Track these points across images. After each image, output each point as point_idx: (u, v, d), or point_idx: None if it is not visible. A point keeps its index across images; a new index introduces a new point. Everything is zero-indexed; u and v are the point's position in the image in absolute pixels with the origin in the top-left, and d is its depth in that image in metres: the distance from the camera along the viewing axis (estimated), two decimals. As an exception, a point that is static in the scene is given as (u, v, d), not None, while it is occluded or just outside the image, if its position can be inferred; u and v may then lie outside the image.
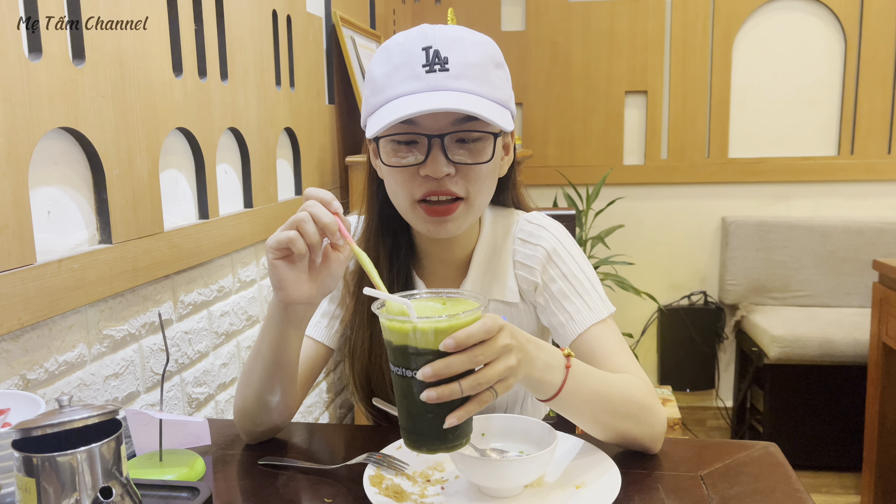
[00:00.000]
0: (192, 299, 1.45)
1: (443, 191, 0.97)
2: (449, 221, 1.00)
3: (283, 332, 0.95)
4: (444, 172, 0.95)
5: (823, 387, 2.85)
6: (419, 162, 0.97)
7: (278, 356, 0.97)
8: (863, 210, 3.17)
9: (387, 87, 0.96)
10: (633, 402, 0.96)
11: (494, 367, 0.76)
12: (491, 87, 0.97)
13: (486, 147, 0.98)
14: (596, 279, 1.11)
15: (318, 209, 0.85)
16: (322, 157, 2.14)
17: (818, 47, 3.10)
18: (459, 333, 0.73)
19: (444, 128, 0.96)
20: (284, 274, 0.88)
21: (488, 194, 1.04)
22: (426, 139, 0.96)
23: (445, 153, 0.96)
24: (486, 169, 0.99)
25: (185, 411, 1.42)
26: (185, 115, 1.38)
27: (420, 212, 1.00)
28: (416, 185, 0.98)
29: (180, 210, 1.42)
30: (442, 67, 0.93)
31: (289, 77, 1.90)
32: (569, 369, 0.88)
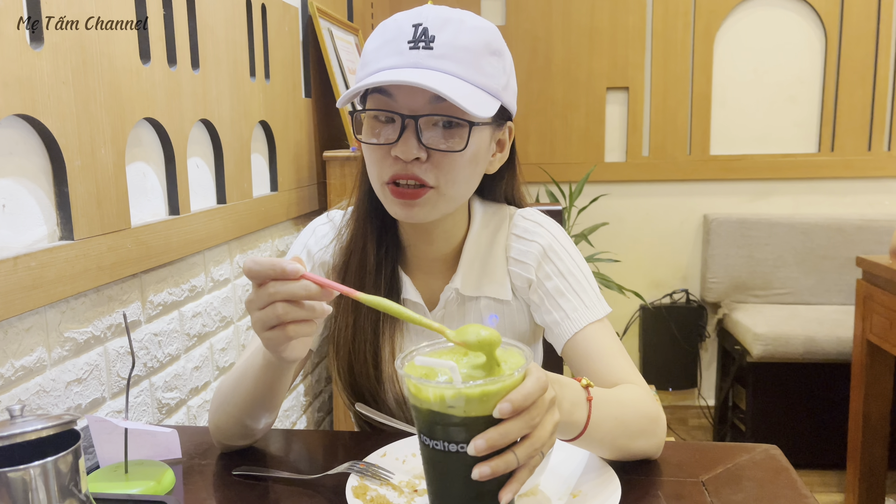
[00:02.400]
0: (162, 299, 1.37)
1: (409, 174, 0.92)
2: (416, 206, 0.94)
3: (279, 376, 0.89)
4: (414, 155, 0.90)
5: (806, 385, 2.84)
6: (391, 142, 0.91)
7: (268, 394, 0.92)
8: (843, 207, 3.17)
9: (372, 62, 0.92)
10: (645, 418, 0.91)
11: (545, 427, 0.67)
12: (479, 72, 0.91)
13: (461, 134, 0.92)
14: (592, 278, 1.06)
15: (289, 289, 0.73)
16: (298, 151, 2.07)
17: (799, 44, 3.09)
18: (515, 395, 0.64)
19: (420, 108, 0.90)
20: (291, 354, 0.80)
21: (465, 186, 0.97)
22: (400, 119, 0.90)
23: (419, 135, 0.90)
24: (460, 159, 0.92)
25: (155, 418, 1.35)
26: (154, 104, 1.31)
27: (388, 193, 0.95)
28: (386, 166, 0.93)
29: (149, 205, 1.34)
30: (426, 46, 0.88)
31: (264, 68, 1.83)
32: (591, 402, 0.82)
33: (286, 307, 0.74)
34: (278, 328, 0.76)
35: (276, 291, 0.74)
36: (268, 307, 0.75)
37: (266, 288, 0.74)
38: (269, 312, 0.75)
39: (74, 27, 1.09)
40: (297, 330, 0.76)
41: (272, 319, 0.75)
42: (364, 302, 0.71)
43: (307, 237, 1.13)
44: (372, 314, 1.04)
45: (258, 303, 0.75)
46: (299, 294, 0.74)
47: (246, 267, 0.75)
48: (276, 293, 0.74)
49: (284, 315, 0.74)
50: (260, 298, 0.75)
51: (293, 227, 2.07)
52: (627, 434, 0.90)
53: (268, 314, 0.75)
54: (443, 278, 1.08)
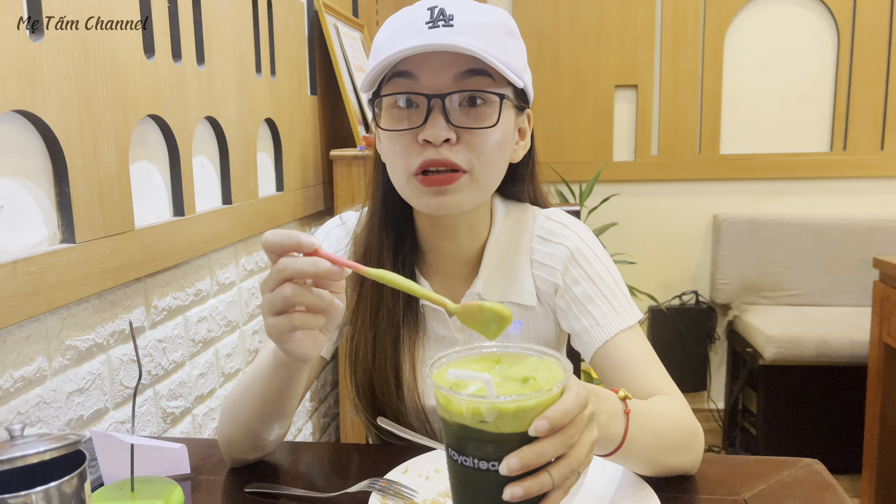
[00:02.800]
0: (167, 304, 1.31)
1: (441, 160, 0.87)
2: (449, 193, 0.89)
3: (290, 377, 0.83)
4: (444, 137, 0.85)
5: (819, 388, 2.79)
6: (417, 125, 0.87)
7: (280, 398, 0.86)
8: (855, 207, 3.12)
9: (387, 49, 0.87)
10: (683, 432, 0.86)
11: (583, 445, 0.62)
12: (501, 50, 0.87)
13: (491, 110, 0.89)
14: (622, 282, 1.01)
15: (298, 264, 0.69)
16: (304, 150, 2.02)
17: (811, 41, 3.04)
18: (553, 412, 0.58)
19: (446, 85, 0.86)
20: (299, 350, 0.74)
21: (496, 171, 0.93)
22: (425, 100, 0.86)
23: (446, 115, 0.86)
24: (492, 138, 0.89)
25: (160, 428, 1.29)
26: (158, 100, 1.25)
27: (416, 184, 0.89)
28: (413, 155, 0.88)
29: (153, 206, 1.28)
30: (446, 23, 0.85)
31: (270, 64, 1.77)
32: (628, 415, 0.77)
33: (294, 289, 0.70)
34: (284, 315, 0.71)
35: (284, 267, 0.69)
36: (276, 288, 0.70)
37: (277, 265, 0.70)
38: (277, 294, 0.70)
39: (75, 27, 1.03)
40: (304, 319, 0.71)
41: (279, 302, 0.70)
42: (370, 276, 0.68)
43: (321, 239, 1.07)
44: (392, 330, 0.99)
45: (269, 283, 0.71)
46: (307, 271, 0.69)
47: (264, 237, 0.70)
48: (284, 269, 0.69)
49: (292, 297, 0.70)
50: (271, 277, 0.71)
51: (299, 227, 2.01)
52: (665, 449, 0.84)
53: (275, 296, 0.70)
54: (464, 282, 1.03)
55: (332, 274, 0.69)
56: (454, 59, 0.86)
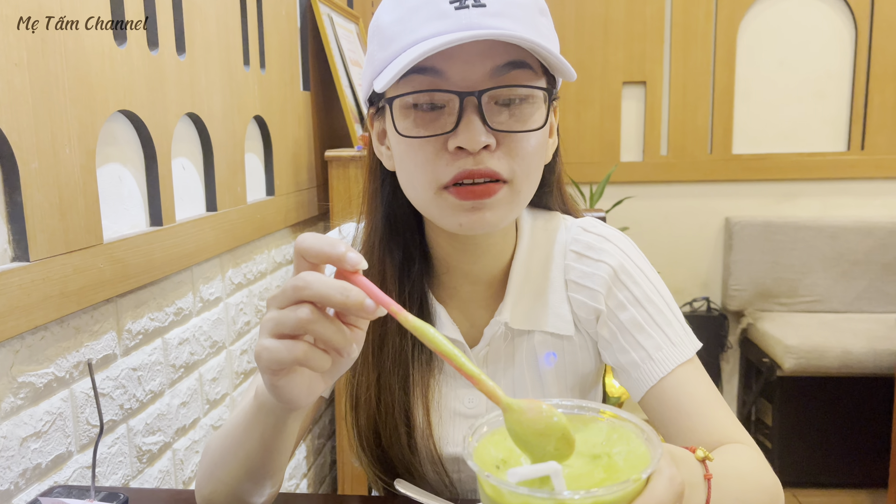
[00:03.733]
0: (142, 326, 1.15)
1: (481, 171, 0.71)
2: (487, 210, 0.73)
3: (277, 427, 0.67)
4: (483, 143, 0.70)
5: (840, 400, 2.65)
6: (448, 130, 0.71)
7: (266, 453, 0.70)
8: (873, 209, 2.98)
9: (400, 35, 0.71)
10: (766, 493, 0.72)
11: None
12: (537, 33, 0.72)
13: (536, 109, 0.74)
14: (676, 305, 0.86)
15: (325, 287, 0.53)
16: (297, 151, 1.86)
17: (827, 36, 2.90)
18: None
19: (481, 81, 0.71)
20: (289, 392, 0.58)
21: (535, 180, 0.78)
22: (457, 99, 0.70)
23: (483, 117, 0.70)
24: (535, 142, 0.74)
25: (133, 469, 1.13)
26: (131, 94, 1.09)
27: (449, 198, 0.73)
28: (442, 166, 0.72)
29: (126, 215, 1.12)
30: (476, 3, 0.69)
31: (259, 57, 1.61)
32: (710, 481, 0.62)
33: (313, 313, 0.54)
34: (289, 341, 0.55)
35: (306, 285, 0.54)
36: (291, 307, 0.55)
37: (300, 276, 0.54)
38: (289, 313, 0.54)
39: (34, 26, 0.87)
40: (311, 355, 0.55)
41: (289, 323, 0.54)
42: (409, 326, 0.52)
43: None
44: (399, 368, 0.83)
45: (282, 298, 0.55)
46: (334, 298, 0.53)
47: (300, 239, 0.56)
48: (306, 287, 0.53)
49: (307, 323, 0.54)
50: (286, 292, 0.55)
51: (291, 235, 1.85)
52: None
53: (286, 314, 0.54)
54: (486, 308, 0.87)
55: (363, 310, 0.53)
56: (489, 49, 0.70)
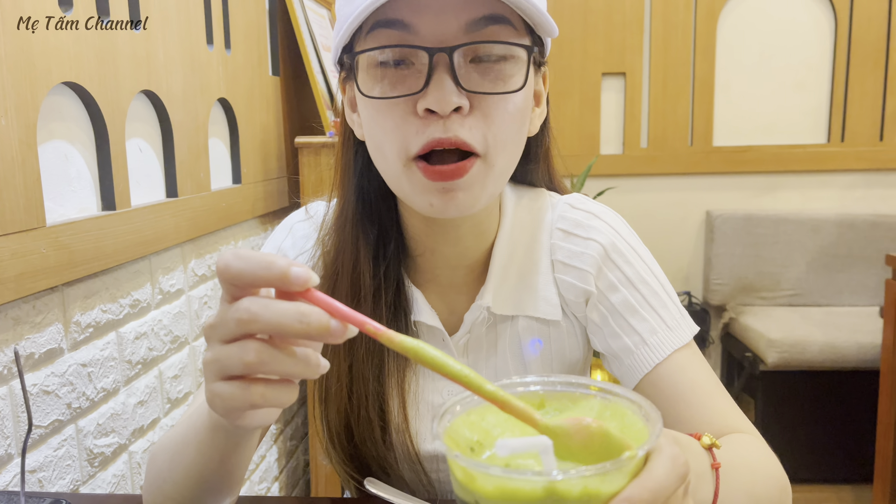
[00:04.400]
0: (93, 319, 1.06)
1: (451, 139, 0.63)
2: (459, 190, 0.65)
3: (234, 445, 0.59)
4: (454, 104, 0.62)
5: (823, 394, 2.61)
6: (416, 91, 0.63)
7: (222, 470, 0.61)
8: (854, 202, 2.96)
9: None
10: (776, 487, 0.66)
11: None
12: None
13: (515, 70, 0.66)
14: (671, 287, 0.80)
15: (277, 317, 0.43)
16: (265, 138, 1.77)
17: (807, 27, 2.87)
18: (640, 491, 0.37)
19: (454, 37, 0.63)
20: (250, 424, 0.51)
21: (513, 154, 0.70)
22: (426, 56, 0.62)
23: (455, 76, 0.62)
24: (513, 108, 0.66)
25: (84, 473, 1.04)
26: (78, 66, 1.00)
27: (418, 174, 0.66)
28: (411, 133, 0.64)
29: (73, 197, 1.03)
30: None
31: (223, 36, 1.53)
32: (718, 471, 0.56)
33: (263, 353, 0.44)
34: (240, 382, 0.46)
35: (252, 318, 0.43)
36: (236, 343, 0.45)
37: (237, 307, 0.44)
38: (234, 353, 0.45)
39: None
40: (269, 395, 0.46)
41: (235, 366, 0.45)
42: (399, 348, 0.42)
43: (282, 237, 0.84)
44: (373, 357, 0.76)
45: (223, 331, 0.46)
46: (291, 328, 0.43)
47: (223, 263, 0.44)
48: (254, 319, 0.43)
49: (257, 364, 0.44)
50: (227, 324, 0.45)
51: (260, 226, 1.76)
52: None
53: (230, 355, 0.45)
54: (467, 292, 0.80)
55: (330, 335, 0.43)
56: (464, 2, 0.63)
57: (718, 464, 0.56)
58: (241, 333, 0.45)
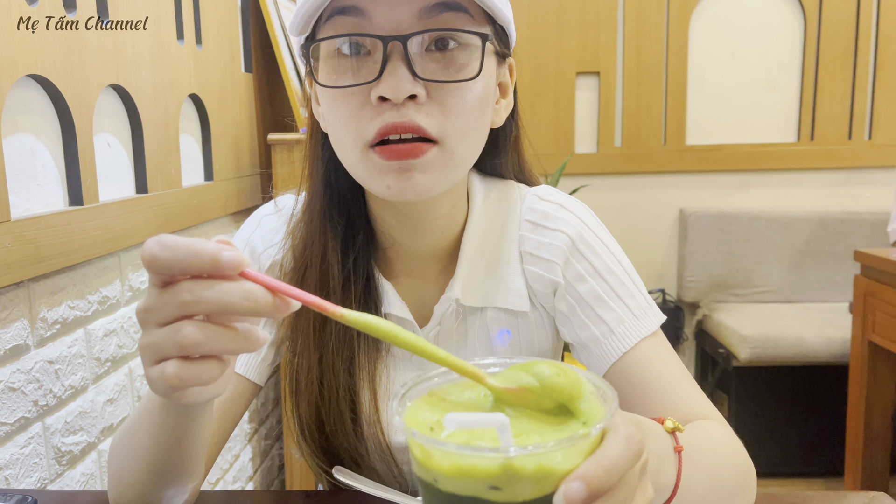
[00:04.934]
0: (60, 315, 1.05)
1: (405, 123, 0.64)
2: (416, 170, 0.66)
3: (185, 423, 0.58)
4: (408, 91, 0.63)
5: (794, 389, 2.65)
6: (371, 79, 0.64)
7: (177, 451, 0.61)
8: (824, 199, 3.00)
9: None
10: (740, 471, 0.67)
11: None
12: None
13: (471, 58, 0.66)
14: (637, 277, 0.80)
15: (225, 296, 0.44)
16: (238, 134, 1.76)
17: (777, 27, 2.92)
18: (592, 469, 0.37)
19: (408, 25, 0.63)
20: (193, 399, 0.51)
21: (474, 142, 0.70)
22: (381, 44, 0.63)
23: (410, 64, 0.63)
24: (470, 96, 0.66)
25: (52, 472, 1.03)
26: (44, 58, 0.99)
27: (375, 158, 0.66)
28: (365, 120, 0.65)
29: (39, 192, 1.02)
30: None
31: (194, 31, 1.51)
32: (681, 454, 0.56)
33: (202, 332, 0.45)
34: (175, 363, 0.46)
35: (198, 298, 0.44)
36: (172, 324, 0.45)
37: (178, 290, 0.44)
38: (170, 336, 0.45)
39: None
40: (206, 372, 0.46)
41: (170, 348, 0.45)
42: (347, 322, 0.43)
43: (251, 230, 0.84)
44: (344, 349, 0.76)
45: (160, 314, 0.45)
46: (238, 306, 0.43)
47: (148, 254, 0.44)
48: (198, 300, 0.44)
49: (193, 346, 0.44)
50: (166, 306, 0.45)
51: (232, 223, 1.75)
52: (723, 495, 0.64)
53: (166, 338, 0.45)
54: (435, 284, 0.81)
55: (274, 311, 0.44)
56: None
57: (681, 447, 0.57)
58: (181, 315, 0.45)
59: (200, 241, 0.44)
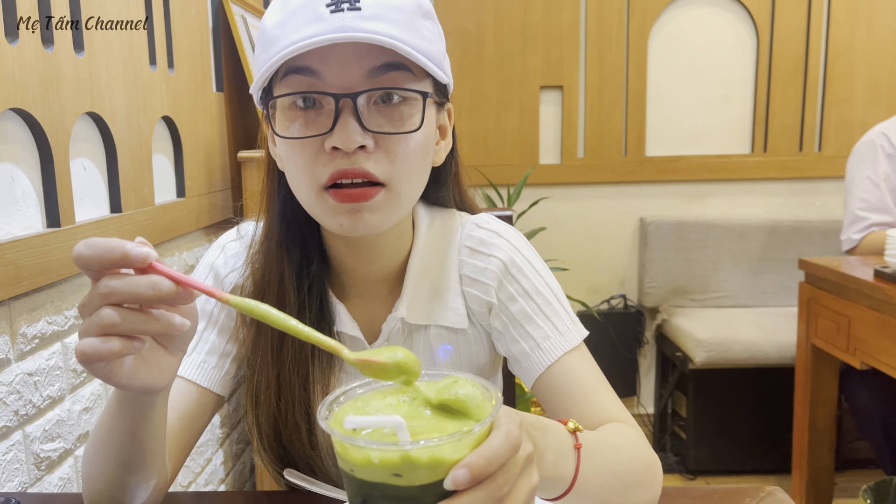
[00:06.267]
0: (39, 330, 1.12)
1: (356, 170, 0.73)
2: (366, 211, 0.75)
3: (139, 414, 0.67)
4: (357, 143, 0.72)
5: (748, 391, 2.78)
6: (325, 131, 0.72)
7: (134, 443, 0.69)
8: (777, 208, 3.14)
9: (280, 37, 0.72)
10: (641, 467, 0.75)
11: (518, 496, 0.50)
12: (418, 36, 0.74)
13: (413, 112, 0.75)
14: (563, 296, 0.90)
15: (131, 286, 0.53)
16: (209, 151, 1.84)
17: (732, 43, 3.05)
18: (475, 459, 0.47)
19: (357, 83, 0.72)
20: (129, 382, 0.59)
21: (418, 183, 0.80)
22: (333, 101, 0.72)
23: (359, 118, 0.72)
24: (413, 144, 0.76)
25: (31, 476, 1.10)
26: (23, 92, 1.06)
27: (328, 200, 0.75)
28: (320, 166, 0.74)
29: (19, 216, 1.09)
30: (351, 6, 0.70)
31: (166, 57, 1.59)
32: (580, 451, 0.65)
33: (117, 312, 0.54)
34: (85, 340, 0.55)
35: (112, 290, 0.54)
36: (95, 314, 0.55)
37: (99, 284, 0.54)
38: (93, 320, 0.54)
39: None
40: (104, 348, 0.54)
41: (93, 329, 0.54)
42: (233, 305, 0.53)
43: (215, 255, 0.92)
44: (299, 366, 0.84)
45: (89, 306, 0.55)
46: (144, 294, 0.53)
47: (76, 252, 0.54)
48: (112, 292, 0.54)
49: (110, 325, 0.54)
50: (91, 300, 0.55)
51: (204, 237, 1.83)
52: (623, 488, 0.73)
53: (90, 322, 0.55)
54: (384, 304, 0.89)
55: (177, 298, 0.54)
56: (365, 52, 0.72)
57: (580, 444, 0.66)
58: (103, 304, 0.54)
59: (115, 239, 0.54)
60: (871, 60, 3.03)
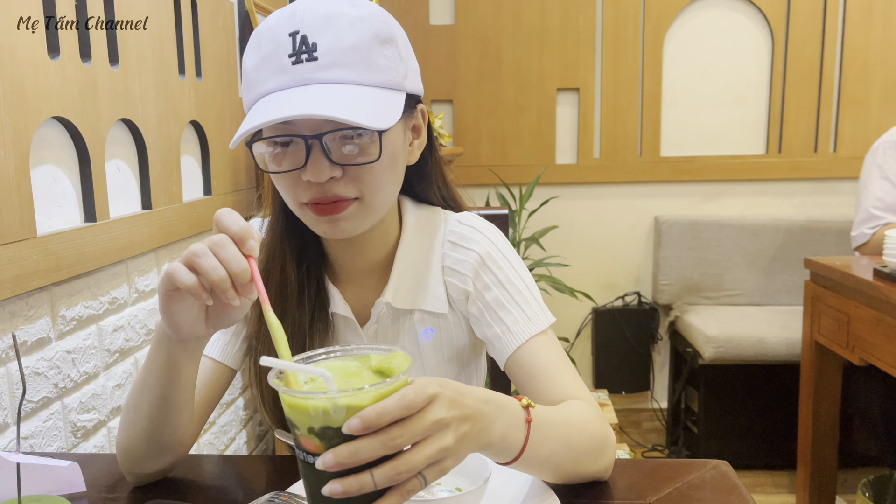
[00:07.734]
0: (77, 313, 1.26)
1: (328, 196, 0.86)
2: (341, 220, 0.87)
3: (174, 364, 0.80)
4: (327, 176, 0.83)
5: (757, 386, 2.84)
6: (299, 166, 0.84)
7: (168, 391, 0.82)
8: (790, 208, 3.18)
9: (257, 83, 0.84)
10: (592, 438, 0.85)
11: (422, 451, 0.60)
12: (373, 70, 0.84)
13: (371, 143, 0.85)
14: (534, 286, 1.00)
15: (229, 252, 0.68)
16: (235, 153, 1.97)
17: (746, 45, 3.10)
18: (368, 412, 0.57)
19: (322, 125, 0.83)
20: (174, 307, 0.73)
21: (390, 190, 0.91)
22: (303, 141, 0.83)
23: (328, 154, 0.83)
24: (379, 166, 0.86)
25: (69, 443, 1.24)
26: (64, 102, 1.20)
27: (309, 213, 0.88)
28: (300, 190, 0.86)
29: (60, 212, 1.23)
30: (310, 57, 0.81)
31: (195, 65, 1.73)
32: (530, 424, 0.75)
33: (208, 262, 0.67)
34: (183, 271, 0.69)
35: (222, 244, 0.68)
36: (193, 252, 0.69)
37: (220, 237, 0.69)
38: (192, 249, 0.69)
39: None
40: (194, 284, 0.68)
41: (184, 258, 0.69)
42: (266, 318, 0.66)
43: None
44: (298, 339, 0.97)
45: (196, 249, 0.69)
46: (232, 264, 0.68)
47: (220, 212, 0.70)
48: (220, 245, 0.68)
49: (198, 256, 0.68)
50: (202, 244, 0.69)
51: (230, 232, 1.96)
52: (573, 457, 0.83)
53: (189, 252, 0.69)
54: (375, 290, 1.01)
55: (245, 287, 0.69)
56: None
57: (531, 418, 0.76)
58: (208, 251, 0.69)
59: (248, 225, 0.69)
60: (886, 62, 3.05)
